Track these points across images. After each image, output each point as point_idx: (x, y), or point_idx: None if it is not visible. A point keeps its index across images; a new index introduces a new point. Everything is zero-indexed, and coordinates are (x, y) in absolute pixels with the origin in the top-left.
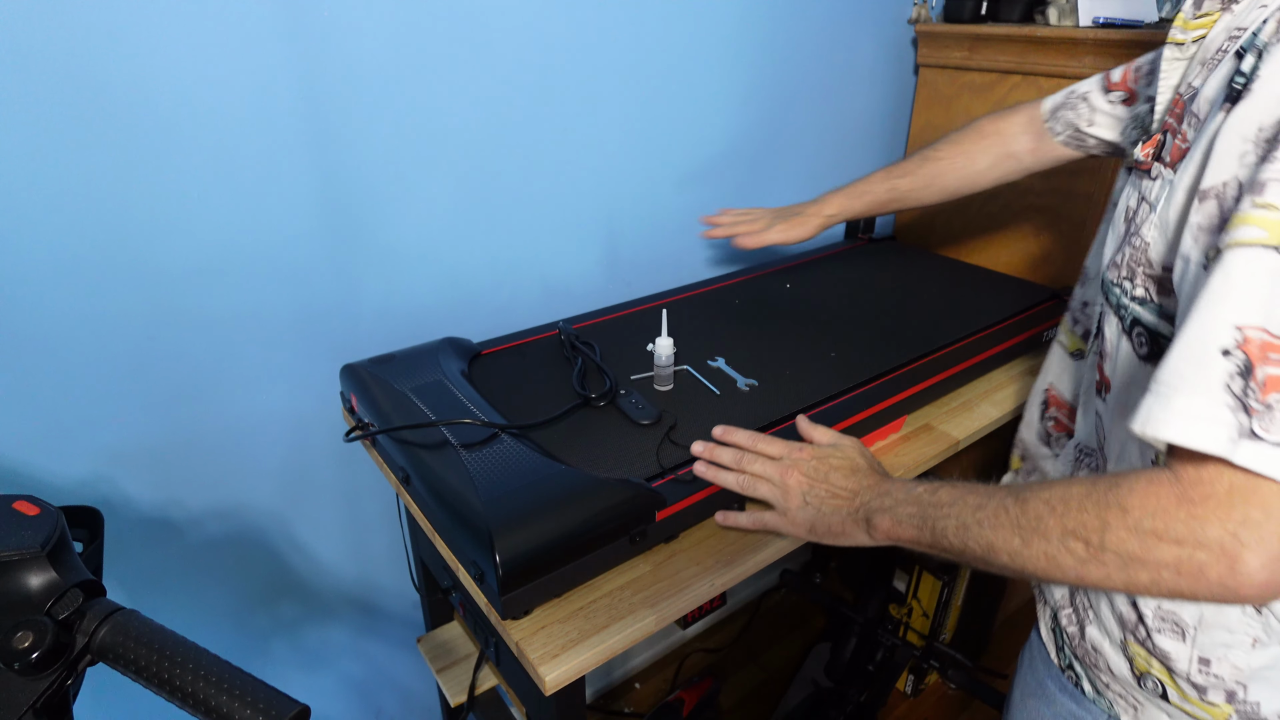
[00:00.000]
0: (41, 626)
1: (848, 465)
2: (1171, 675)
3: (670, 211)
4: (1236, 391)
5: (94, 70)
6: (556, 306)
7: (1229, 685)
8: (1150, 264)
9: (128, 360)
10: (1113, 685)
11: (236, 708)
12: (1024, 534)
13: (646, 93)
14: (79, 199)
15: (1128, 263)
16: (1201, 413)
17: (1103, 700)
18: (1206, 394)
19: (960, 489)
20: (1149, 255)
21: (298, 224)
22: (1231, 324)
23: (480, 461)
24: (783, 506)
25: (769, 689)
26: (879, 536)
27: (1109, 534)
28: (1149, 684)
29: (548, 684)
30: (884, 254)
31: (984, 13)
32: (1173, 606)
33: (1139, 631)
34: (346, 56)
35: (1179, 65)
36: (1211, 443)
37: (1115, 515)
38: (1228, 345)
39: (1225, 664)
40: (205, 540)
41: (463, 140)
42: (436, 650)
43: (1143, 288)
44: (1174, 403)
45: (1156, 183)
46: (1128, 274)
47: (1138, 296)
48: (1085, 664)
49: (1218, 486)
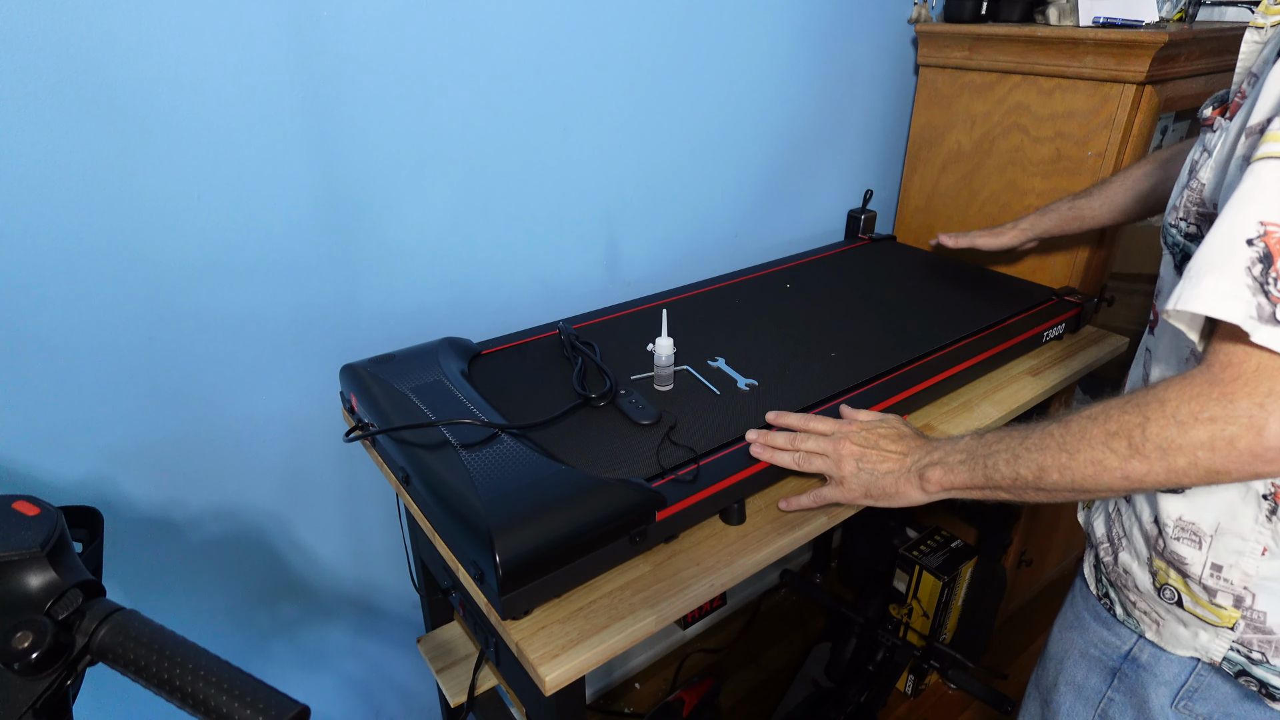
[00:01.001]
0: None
1: (894, 432)
2: (1185, 581)
3: (670, 211)
4: (1256, 275)
5: (94, 70)
6: (556, 306)
7: (1237, 590)
8: (1203, 202)
9: (128, 360)
10: (1139, 603)
11: (236, 708)
12: (1069, 448)
13: (646, 92)
14: (79, 199)
15: (1184, 204)
16: (1226, 290)
17: (1131, 620)
18: (1231, 276)
19: (1004, 430)
20: (1203, 195)
21: (298, 224)
22: (1256, 219)
23: (480, 461)
24: (838, 476)
25: (769, 689)
26: (932, 489)
27: (1150, 427)
28: (1167, 593)
29: (548, 684)
30: (884, 254)
31: (984, 13)
32: (1192, 519)
33: (1159, 544)
34: (347, 56)
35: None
36: (1232, 314)
37: (1155, 409)
38: (1251, 236)
39: (1236, 570)
40: (205, 540)
41: (463, 140)
42: (436, 650)
43: (1195, 225)
44: (1203, 282)
45: (1217, 133)
46: (1184, 214)
47: (1190, 233)
48: (1117, 586)
49: (1246, 367)
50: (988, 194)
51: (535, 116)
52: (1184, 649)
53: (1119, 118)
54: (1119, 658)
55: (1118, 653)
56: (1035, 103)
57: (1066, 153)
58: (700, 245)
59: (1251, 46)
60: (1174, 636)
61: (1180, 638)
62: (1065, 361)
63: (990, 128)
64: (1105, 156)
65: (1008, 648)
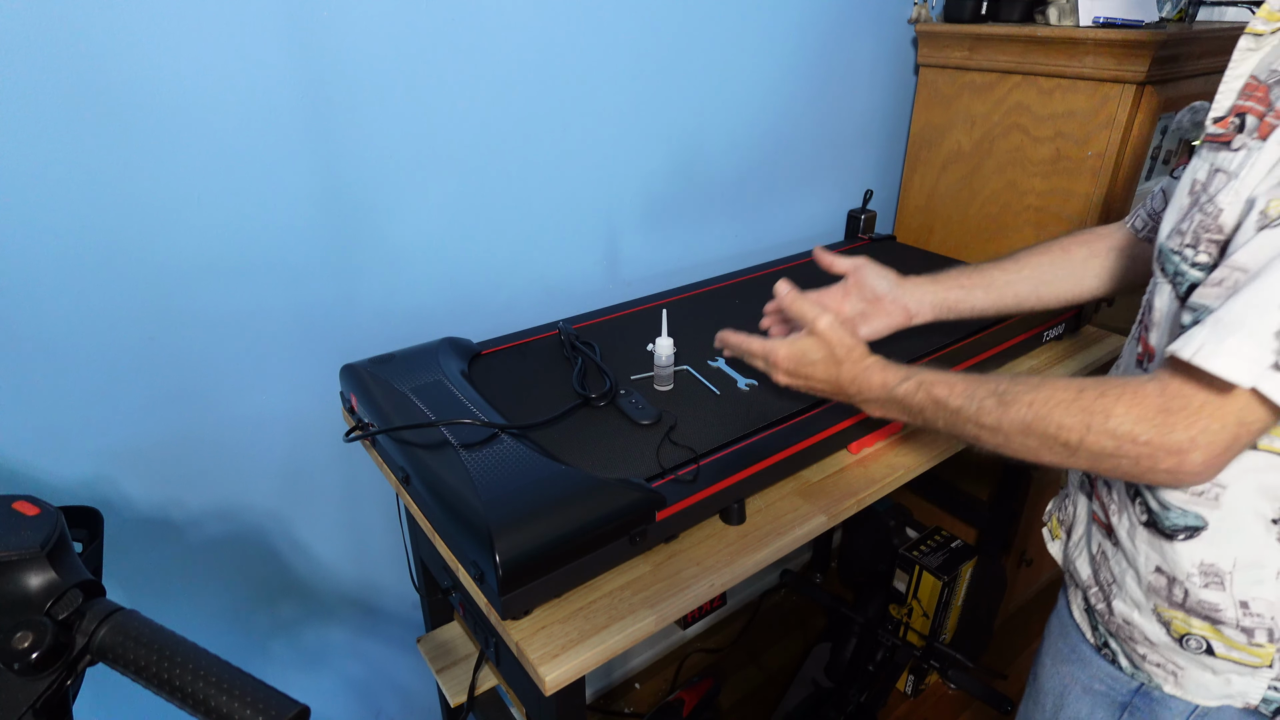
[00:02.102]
0: (41, 627)
1: (825, 364)
2: (1217, 627)
3: (670, 211)
4: None
5: (94, 70)
6: (556, 306)
7: (1268, 623)
8: (1220, 229)
9: (128, 360)
10: (1150, 655)
11: (236, 708)
12: (1006, 435)
13: (646, 92)
14: (79, 199)
15: (1194, 230)
16: (1250, 354)
17: (1141, 674)
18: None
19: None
20: (1220, 221)
21: (298, 224)
22: None
23: (480, 461)
24: None
25: (769, 689)
26: (873, 414)
27: (1089, 437)
28: (1192, 644)
29: (548, 684)
30: (884, 254)
31: (984, 13)
32: (1213, 560)
33: (1174, 594)
34: (347, 56)
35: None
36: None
37: (1099, 420)
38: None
39: (1261, 601)
40: (205, 540)
41: (463, 139)
42: (436, 650)
43: (1206, 254)
44: (1227, 341)
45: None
46: (1191, 241)
47: (1199, 263)
48: (1120, 638)
49: (1194, 400)
50: (988, 194)
51: (535, 116)
52: (1212, 698)
53: (1119, 118)
54: (1128, 692)
55: (1127, 687)
56: (1035, 103)
57: (1066, 153)
58: (700, 245)
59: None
60: (1199, 685)
61: (1208, 686)
62: (1065, 361)
63: (990, 128)
64: (1105, 156)
65: (1008, 648)
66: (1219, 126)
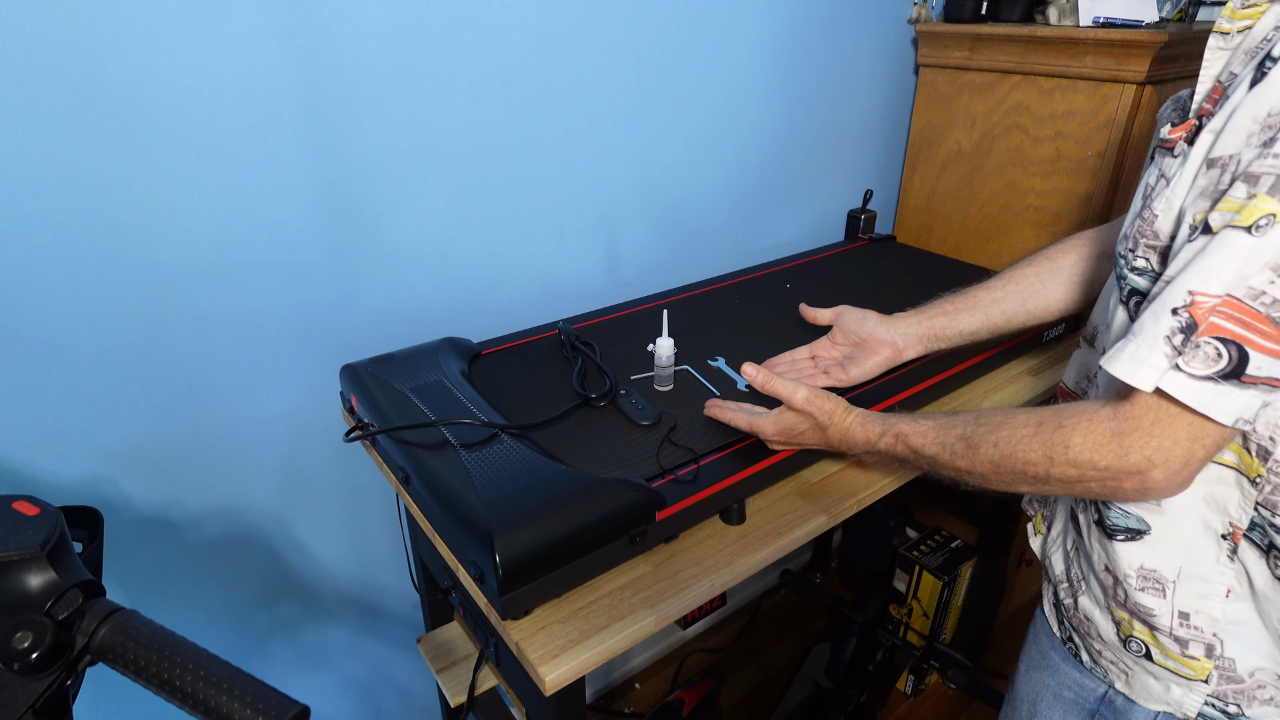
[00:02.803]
0: (41, 627)
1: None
2: (1153, 633)
3: (670, 211)
4: (1176, 344)
5: (94, 70)
6: (556, 306)
7: (1207, 639)
8: (1156, 235)
9: (128, 360)
10: (1105, 652)
11: (236, 708)
12: (982, 475)
13: (646, 92)
14: (80, 199)
15: (1134, 234)
16: (1144, 357)
17: (1098, 669)
18: (1150, 343)
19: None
20: (1155, 226)
21: (298, 224)
22: (1186, 289)
23: (480, 461)
24: None
25: (769, 689)
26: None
27: (1054, 469)
28: (1133, 645)
29: (548, 684)
30: (884, 254)
31: (984, 12)
32: (1154, 565)
33: (1118, 594)
34: (346, 56)
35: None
36: (1142, 381)
37: (1059, 452)
38: (1178, 305)
39: (1203, 615)
40: (205, 540)
41: (463, 140)
42: (436, 650)
43: (1143, 258)
44: (1127, 347)
45: (1177, 160)
46: (1131, 245)
47: (1137, 267)
48: (1080, 633)
49: (1144, 420)
50: (988, 194)
51: (535, 115)
52: (1156, 703)
53: (1119, 118)
54: (1095, 700)
55: (1093, 695)
56: (1035, 103)
57: (1066, 153)
58: (700, 245)
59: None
60: (1144, 689)
61: (1151, 691)
62: (1065, 361)
63: (990, 128)
64: (1105, 156)
65: (1008, 648)
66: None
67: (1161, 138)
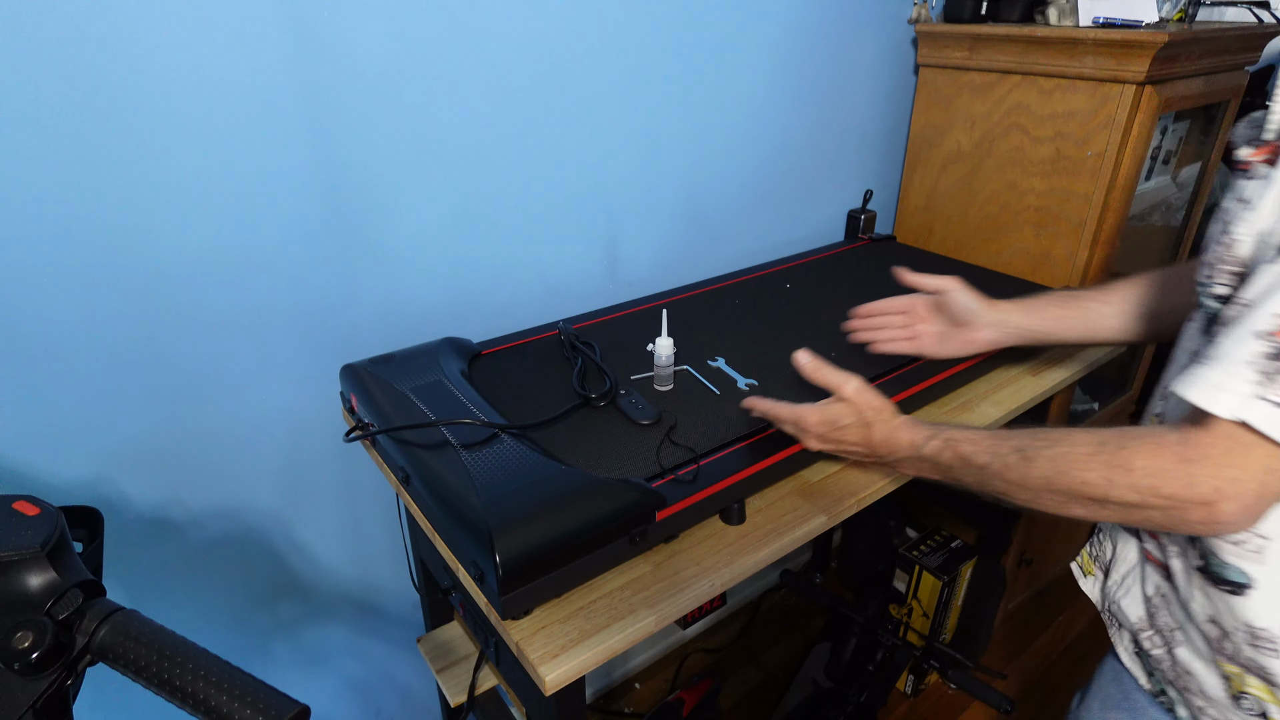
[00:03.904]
0: (41, 626)
1: (856, 428)
2: (1273, 690)
3: (670, 211)
4: (1262, 370)
5: (92, 69)
6: (556, 306)
7: None
8: (1237, 261)
9: (128, 360)
10: (1209, 709)
11: (236, 708)
12: (1034, 491)
13: (646, 92)
14: (78, 199)
15: (1213, 261)
16: (1223, 383)
17: None
18: (1231, 368)
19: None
20: (1235, 251)
21: (298, 224)
22: (1272, 313)
23: (480, 461)
24: None
25: (769, 689)
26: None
27: (1113, 490)
28: (1246, 703)
29: (548, 684)
30: (884, 254)
31: (984, 13)
32: (1264, 624)
33: (1226, 647)
34: (346, 56)
35: None
36: (1220, 408)
37: (1120, 474)
38: (1262, 330)
39: None
40: (205, 540)
41: (463, 140)
42: (436, 650)
43: (1221, 284)
44: (1203, 371)
45: (1254, 182)
46: (1211, 272)
47: (1216, 294)
48: (1178, 687)
49: (1215, 449)
50: (988, 194)
51: (535, 115)
52: None
53: (1119, 118)
54: None
55: None
56: (1035, 103)
57: (1066, 153)
58: (700, 245)
59: None
60: None
61: None
62: (1065, 361)
63: (990, 128)
64: (1105, 156)
65: (1008, 648)
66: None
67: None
